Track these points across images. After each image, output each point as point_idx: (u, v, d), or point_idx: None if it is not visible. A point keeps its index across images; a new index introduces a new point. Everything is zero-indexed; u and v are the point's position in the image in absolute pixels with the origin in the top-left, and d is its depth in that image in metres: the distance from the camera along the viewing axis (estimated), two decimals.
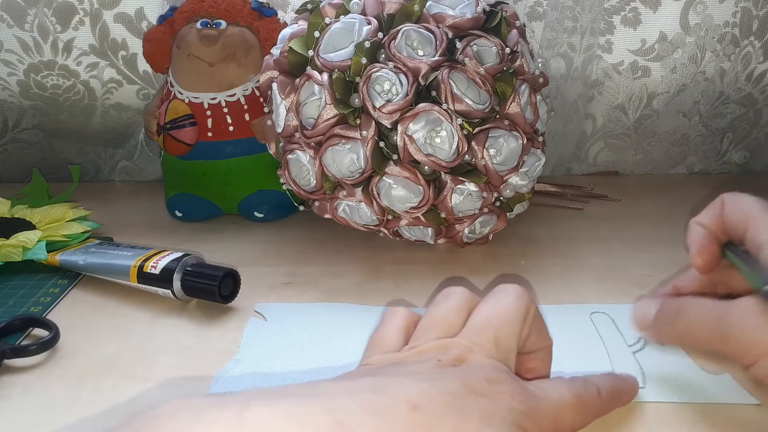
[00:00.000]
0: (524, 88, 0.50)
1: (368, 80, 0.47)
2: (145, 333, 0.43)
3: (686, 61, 0.71)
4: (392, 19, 0.49)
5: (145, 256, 0.48)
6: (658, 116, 0.75)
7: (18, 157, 0.75)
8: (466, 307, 0.31)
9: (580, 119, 0.75)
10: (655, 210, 0.66)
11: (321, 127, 0.48)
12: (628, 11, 0.69)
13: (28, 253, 0.52)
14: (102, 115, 0.73)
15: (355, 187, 0.50)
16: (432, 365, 0.27)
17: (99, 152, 0.76)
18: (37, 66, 0.70)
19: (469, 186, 0.49)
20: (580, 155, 0.78)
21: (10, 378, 0.38)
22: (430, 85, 0.47)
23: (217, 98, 0.59)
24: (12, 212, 0.59)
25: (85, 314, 0.46)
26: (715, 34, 0.70)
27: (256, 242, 0.59)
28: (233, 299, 0.46)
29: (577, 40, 0.70)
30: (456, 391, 0.24)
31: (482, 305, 0.31)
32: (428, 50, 0.47)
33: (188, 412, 0.21)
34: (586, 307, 0.46)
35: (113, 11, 0.68)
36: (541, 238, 0.59)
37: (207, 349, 0.42)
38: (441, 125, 0.47)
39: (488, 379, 0.26)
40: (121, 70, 0.71)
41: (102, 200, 0.69)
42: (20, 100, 0.72)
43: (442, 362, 0.27)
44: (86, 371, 0.39)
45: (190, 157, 0.61)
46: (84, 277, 0.51)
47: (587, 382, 0.31)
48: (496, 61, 0.48)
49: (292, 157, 0.52)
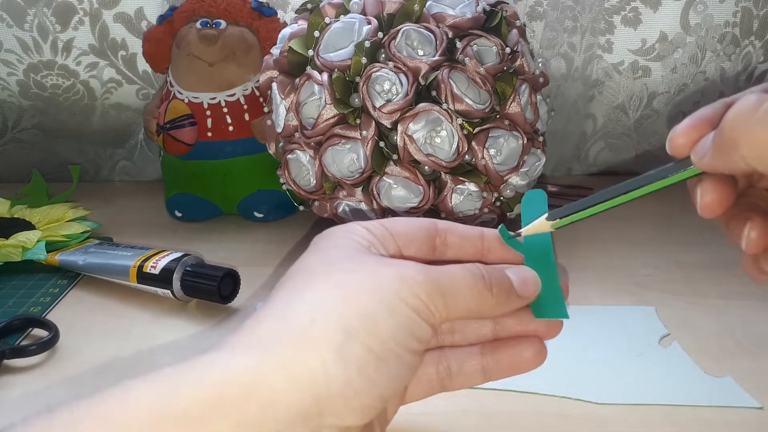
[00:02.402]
0: (524, 88, 0.50)
1: (368, 80, 0.47)
2: (144, 333, 0.43)
3: (687, 61, 0.71)
4: (392, 19, 0.49)
5: (144, 256, 0.48)
6: (659, 116, 0.75)
7: (18, 157, 0.75)
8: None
9: (580, 119, 0.75)
10: (655, 210, 0.66)
11: (321, 127, 0.48)
12: (629, 11, 0.69)
13: (27, 253, 0.52)
14: (102, 115, 0.73)
15: (355, 187, 0.50)
16: None
17: (99, 152, 0.76)
18: (37, 66, 0.69)
19: (470, 186, 0.49)
20: (580, 155, 0.78)
21: (10, 378, 0.38)
22: (430, 85, 0.47)
23: (217, 98, 0.59)
24: (12, 212, 0.59)
25: (84, 314, 0.46)
26: (715, 33, 0.70)
27: (256, 242, 0.59)
28: (233, 299, 0.46)
29: (578, 39, 0.69)
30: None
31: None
32: (428, 50, 0.47)
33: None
34: (586, 308, 0.46)
35: (113, 11, 0.68)
36: None
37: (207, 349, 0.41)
38: (441, 125, 0.47)
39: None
40: (121, 70, 0.71)
41: (102, 200, 0.69)
42: (20, 100, 0.72)
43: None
44: (86, 371, 0.39)
45: (189, 157, 0.60)
46: (83, 278, 0.51)
47: (494, 268, 0.28)
48: (496, 60, 0.48)
49: (292, 157, 0.52)
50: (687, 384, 0.37)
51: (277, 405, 0.22)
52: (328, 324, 0.23)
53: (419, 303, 0.25)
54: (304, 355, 0.23)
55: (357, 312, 0.24)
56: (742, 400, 0.36)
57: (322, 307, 0.24)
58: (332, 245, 0.28)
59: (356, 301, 0.24)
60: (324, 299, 0.24)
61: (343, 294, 0.25)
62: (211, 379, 0.22)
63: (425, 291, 0.25)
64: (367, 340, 0.23)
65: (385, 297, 0.24)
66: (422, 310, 0.25)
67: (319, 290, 0.25)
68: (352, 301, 0.24)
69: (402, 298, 0.25)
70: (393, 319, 0.24)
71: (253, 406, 0.22)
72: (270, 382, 0.22)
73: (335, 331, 0.23)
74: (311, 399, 0.22)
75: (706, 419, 0.34)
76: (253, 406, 0.22)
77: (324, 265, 0.26)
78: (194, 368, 0.23)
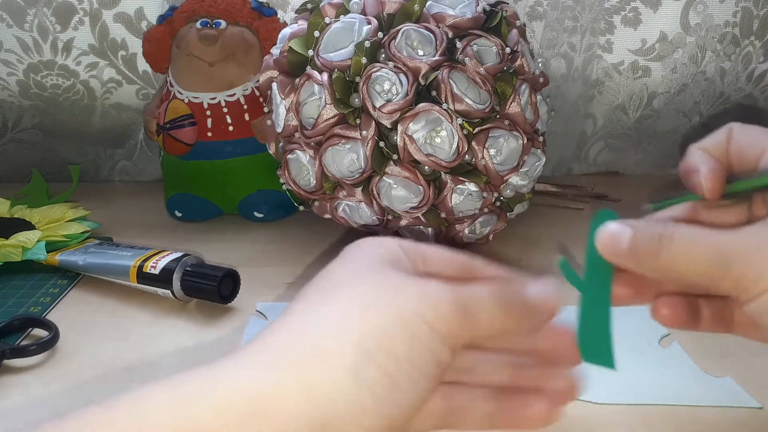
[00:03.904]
0: (524, 87, 0.50)
1: (368, 80, 0.47)
2: (144, 333, 0.43)
3: (687, 60, 0.71)
4: (392, 19, 0.49)
5: (144, 256, 0.48)
6: (659, 116, 0.75)
7: (18, 157, 0.75)
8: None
9: (580, 119, 0.75)
10: None
11: (321, 127, 0.48)
12: (629, 11, 0.69)
13: (27, 253, 0.52)
14: (101, 115, 0.73)
15: (355, 187, 0.50)
16: None
17: (99, 152, 0.76)
18: (37, 66, 0.69)
19: (470, 186, 0.49)
20: (580, 155, 0.78)
21: (10, 378, 0.38)
22: (430, 85, 0.47)
23: (217, 98, 0.59)
24: (12, 212, 0.59)
25: (84, 314, 0.46)
26: (715, 33, 0.70)
27: (256, 242, 0.59)
28: (233, 299, 0.46)
29: (578, 39, 0.69)
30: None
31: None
32: (428, 50, 0.47)
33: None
34: None
35: (113, 11, 0.68)
36: (541, 238, 0.59)
37: (207, 349, 0.41)
38: (441, 125, 0.47)
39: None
40: (121, 70, 0.71)
41: (102, 200, 0.69)
42: (20, 100, 0.72)
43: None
44: (86, 371, 0.39)
45: (189, 157, 0.60)
46: (83, 277, 0.51)
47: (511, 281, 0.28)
48: (496, 60, 0.48)
49: (292, 157, 0.52)
50: (687, 384, 0.37)
51: (288, 420, 0.22)
52: (343, 340, 0.23)
53: (440, 323, 0.24)
54: (317, 371, 0.23)
55: (374, 330, 0.23)
56: (742, 400, 0.36)
57: (339, 323, 0.24)
58: (359, 256, 0.27)
59: (374, 318, 0.24)
60: (341, 314, 0.24)
61: (362, 310, 0.24)
62: (224, 391, 0.22)
63: (447, 310, 0.24)
64: (382, 360, 0.23)
65: (405, 315, 0.24)
66: (442, 330, 0.24)
67: (338, 304, 0.25)
68: (370, 318, 0.24)
69: (422, 317, 0.24)
70: (411, 340, 0.24)
71: (265, 420, 0.22)
72: (282, 396, 0.22)
73: (350, 348, 0.23)
74: (321, 415, 0.22)
75: (706, 419, 0.34)
76: (265, 420, 0.22)
77: (347, 276, 0.26)
78: (207, 378, 0.23)
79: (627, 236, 0.29)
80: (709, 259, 0.27)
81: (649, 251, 0.28)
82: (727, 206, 0.30)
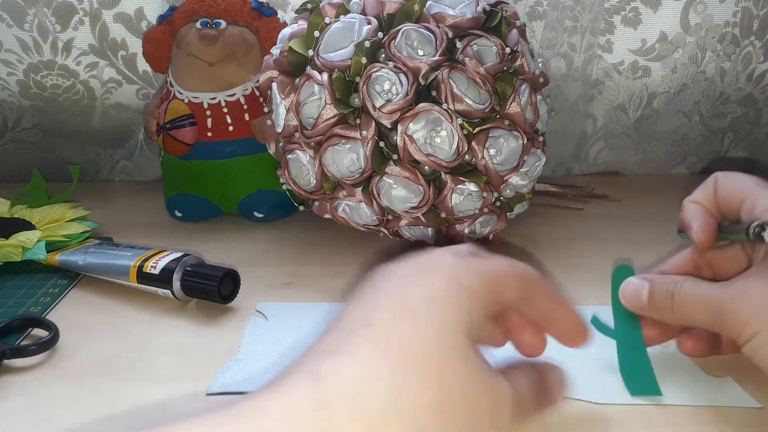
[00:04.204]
0: (524, 87, 0.50)
1: (368, 80, 0.47)
2: (144, 333, 0.43)
3: (686, 60, 0.71)
4: (392, 19, 0.49)
5: (144, 256, 0.48)
6: (659, 116, 0.75)
7: (17, 157, 0.75)
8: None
9: (580, 119, 0.75)
10: (655, 210, 0.66)
11: (321, 127, 0.48)
12: (629, 11, 0.69)
13: (27, 253, 0.52)
14: (101, 115, 0.73)
15: (355, 187, 0.50)
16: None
17: (99, 152, 0.76)
18: (37, 66, 0.69)
19: (470, 186, 0.49)
20: (580, 155, 0.78)
21: (10, 378, 0.38)
22: (430, 85, 0.47)
23: (217, 98, 0.59)
24: (12, 212, 0.59)
25: (84, 314, 0.46)
26: (715, 33, 0.70)
27: (256, 242, 0.59)
28: (233, 299, 0.46)
29: (578, 39, 0.69)
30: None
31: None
32: (428, 50, 0.47)
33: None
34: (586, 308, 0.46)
35: (113, 11, 0.68)
36: (541, 238, 0.59)
37: (207, 349, 0.41)
38: (441, 125, 0.47)
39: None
40: (121, 69, 0.71)
41: (102, 200, 0.69)
42: (20, 100, 0.72)
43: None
44: (86, 371, 0.39)
45: (189, 157, 0.60)
46: (83, 278, 0.51)
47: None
48: (496, 60, 0.48)
49: (292, 157, 0.52)
50: (687, 384, 0.37)
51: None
52: (367, 403, 0.23)
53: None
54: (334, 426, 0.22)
55: (395, 395, 0.23)
56: (742, 400, 0.36)
57: (365, 382, 0.24)
58: (419, 279, 0.28)
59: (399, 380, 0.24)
60: (370, 369, 0.24)
61: (388, 364, 0.24)
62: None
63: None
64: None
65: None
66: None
67: (366, 354, 0.24)
68: (394, 380, 0.24)
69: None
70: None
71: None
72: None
73: (372, 413, 0.23)
74: None
75: (706, 419, 0.34)
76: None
77: (393, 307, 0.26)
78: (235, 422, 0.23)
79: (645, 292, 0.36)
80: (709, 313, 0.33)
81: (663, 307, 0.35)
82: (724, 246, 0.38)
